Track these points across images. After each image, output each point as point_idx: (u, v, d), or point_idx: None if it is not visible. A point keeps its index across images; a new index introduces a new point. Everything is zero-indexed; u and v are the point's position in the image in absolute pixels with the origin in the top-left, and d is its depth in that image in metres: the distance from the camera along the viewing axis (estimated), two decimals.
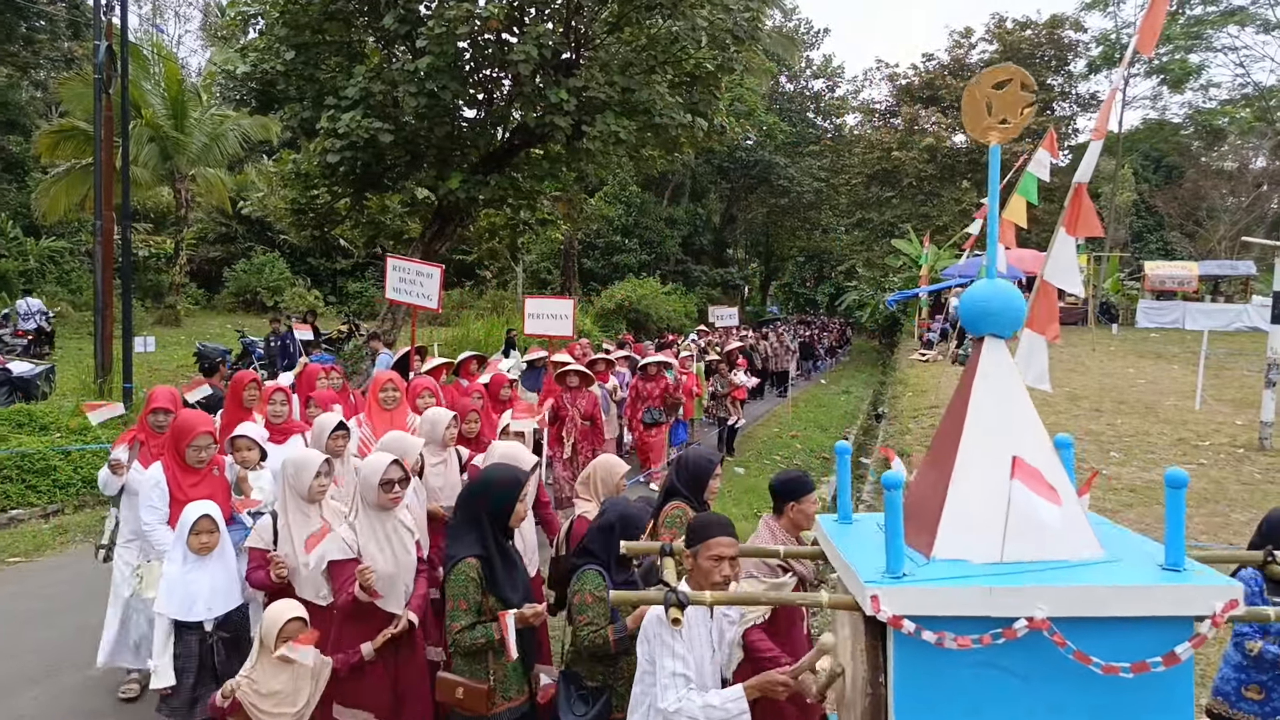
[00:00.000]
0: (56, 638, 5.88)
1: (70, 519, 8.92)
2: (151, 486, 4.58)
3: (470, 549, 3.38)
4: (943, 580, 2.07)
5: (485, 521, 3.43)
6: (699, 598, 2.41)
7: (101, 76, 11.32)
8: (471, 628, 3.31)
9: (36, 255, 25.11)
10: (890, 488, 2.10)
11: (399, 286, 8.88)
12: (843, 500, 2.82)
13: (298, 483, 4.04)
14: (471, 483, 3.64)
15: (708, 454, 4.32)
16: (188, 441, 4.57)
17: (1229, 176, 41.69)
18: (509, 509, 3.48)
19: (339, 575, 3.74)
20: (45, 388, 12.52)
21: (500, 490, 3.48)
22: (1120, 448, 10.64)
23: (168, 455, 4.63)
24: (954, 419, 2.38)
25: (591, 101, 13.48)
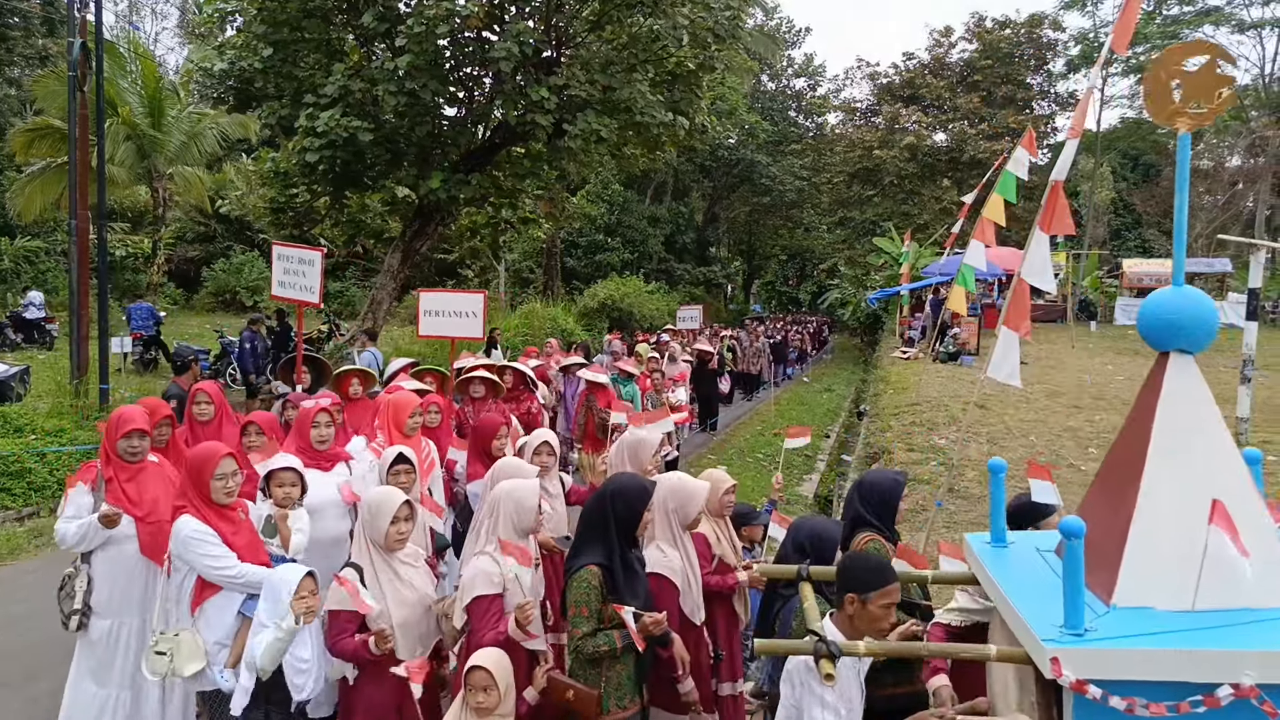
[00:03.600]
0: (33, 643, 5.81)
1: (45, 522, 8.80)
2: (196, 536, 3.68)
3: (593, 556, 3.34)
4: (1132, 640, 1.84)
5: (612, 530, 3.37)
6: (852, 648, 2.27)
7: (76, 74, 11.17)
8: (593, 635, 3.26)
9: (11, 255, 24.80)
10: (1071, 536, 1.84)
11: (284, 280, 7.54)
12: (996, 521, 2.63)
13: (373, 529, 3.55)
14: (600, 493, 3.54)
15: (893, 474, 3.96)
16: (211, 472, 3.75)
17: (1205, 175, 42.12)
18: (637, 519, 3.41)
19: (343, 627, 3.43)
20: (20, 389, 12.37)
21: (630, 499, 3.42)
22: (1099, 444, 10.74)
23: (190, 498, 3.79)
24: (1133, 444, 2.13)
25: (573, 100, 13.46)
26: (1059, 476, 9.05)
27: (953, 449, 10.38)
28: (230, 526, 3.78)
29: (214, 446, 3.89)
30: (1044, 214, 5.48)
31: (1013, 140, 31.73)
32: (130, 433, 4.15)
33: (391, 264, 15.63)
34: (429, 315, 8.15)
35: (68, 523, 4.04)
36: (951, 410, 12.66)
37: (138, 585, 4.17)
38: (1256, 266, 10.81)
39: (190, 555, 3.68)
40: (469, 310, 8.19)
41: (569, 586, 3.34)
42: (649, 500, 3.45)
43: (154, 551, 4.12)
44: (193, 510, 3.74)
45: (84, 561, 4.13)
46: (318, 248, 7.38)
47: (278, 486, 4.08)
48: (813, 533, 3.45)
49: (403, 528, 3.55)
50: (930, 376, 15.69)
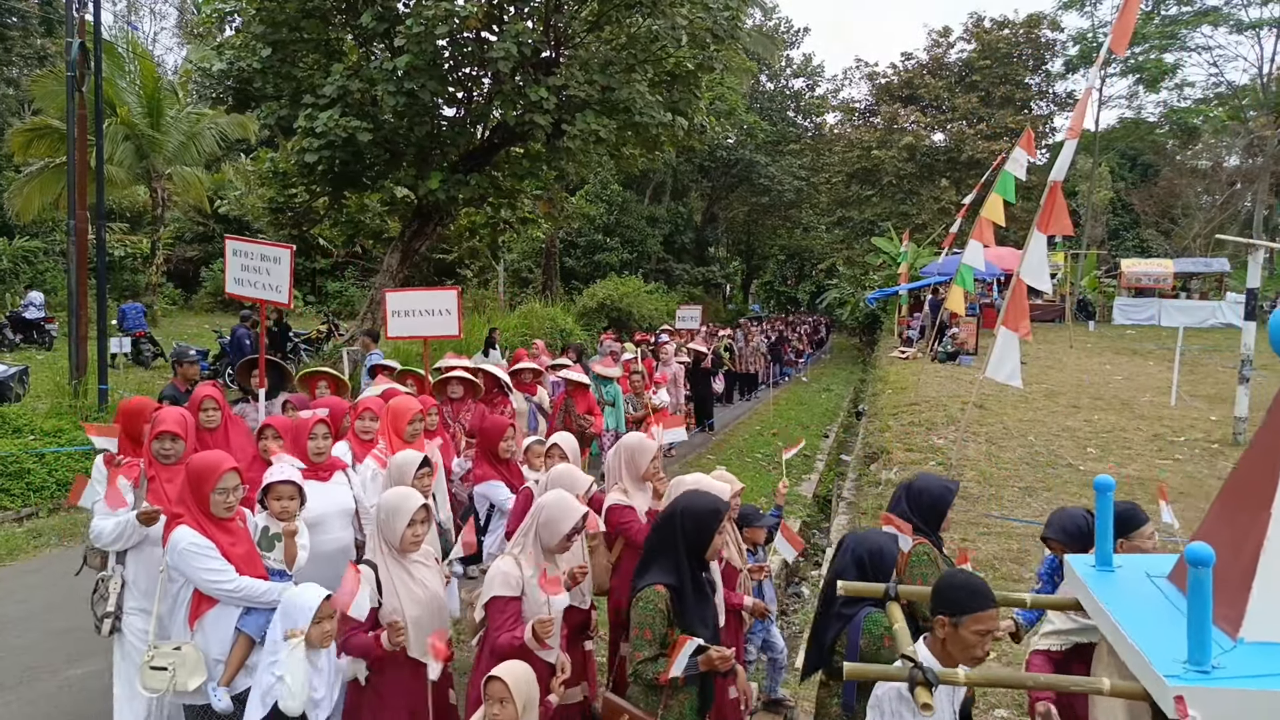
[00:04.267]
0: (31, 643, 5.81)
1: (44, 522, 8.81)
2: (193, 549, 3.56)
3: (661, 576, 3.19)
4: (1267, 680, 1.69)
5: (681, 550, 3.22)
6: (951, 676, 2.16)
7: (74, 74, 11.17)
8: (654, 660, 3.10)
9: (10, 255, 24.78)
10: (1198, 564, 1.70)
11: (241, 276, 7.08)
12: (1103, 544, 2.49)
13: (389, 530, 3.51)
14: (669, 509, 3.38)
15: (944, 480, 3.89)
16: (213, 485, 3.63)
17: (1203, 175, 42.21)
18: (708, 539, 3.26)
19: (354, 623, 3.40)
20: (19, 389, 12.35)
21: (701, 518, 3.26)
22: (1097, 444, 10.75)
23: (190, 509, 3.67)
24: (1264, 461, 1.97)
25: (571, 100, 13.46)
26: (1056, 477, 9.10)
27: (951, 449, 10.40)
28: (229, 538, 3.66)
29: (217, 458, 3.76)
30: (1042, 214, 5.51)
31: (1011, 140, 31.80)
32: (162, 434, 4.11)
33: (390, 264, 15.63)
34: (397, 316, 7.88)
35: (105, 520, 3.94)
36: (950, 410, 12.66)
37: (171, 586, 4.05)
38: (1255, 266, 10.87)
39: (187, 567, 3.56)
40: (442, 308, 7.95)
41: (634, 605, 3.20)
42: (721, 519, 3.29)
43: None
44: (190, 521, 3.62)
45: (119, 563, 4.05)
46: (286, 245, 7.07)
47: (275, 500, 3.93)
48: (874, 548, 3.28)
49: (419, 530, 3.53)
50: (929, 376, 15.70)
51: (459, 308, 7.88)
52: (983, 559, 6.85)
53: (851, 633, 3.13)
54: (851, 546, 3.32)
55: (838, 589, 2.78)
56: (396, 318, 7.91)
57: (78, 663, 5.47)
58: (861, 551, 3.26)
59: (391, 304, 8.00)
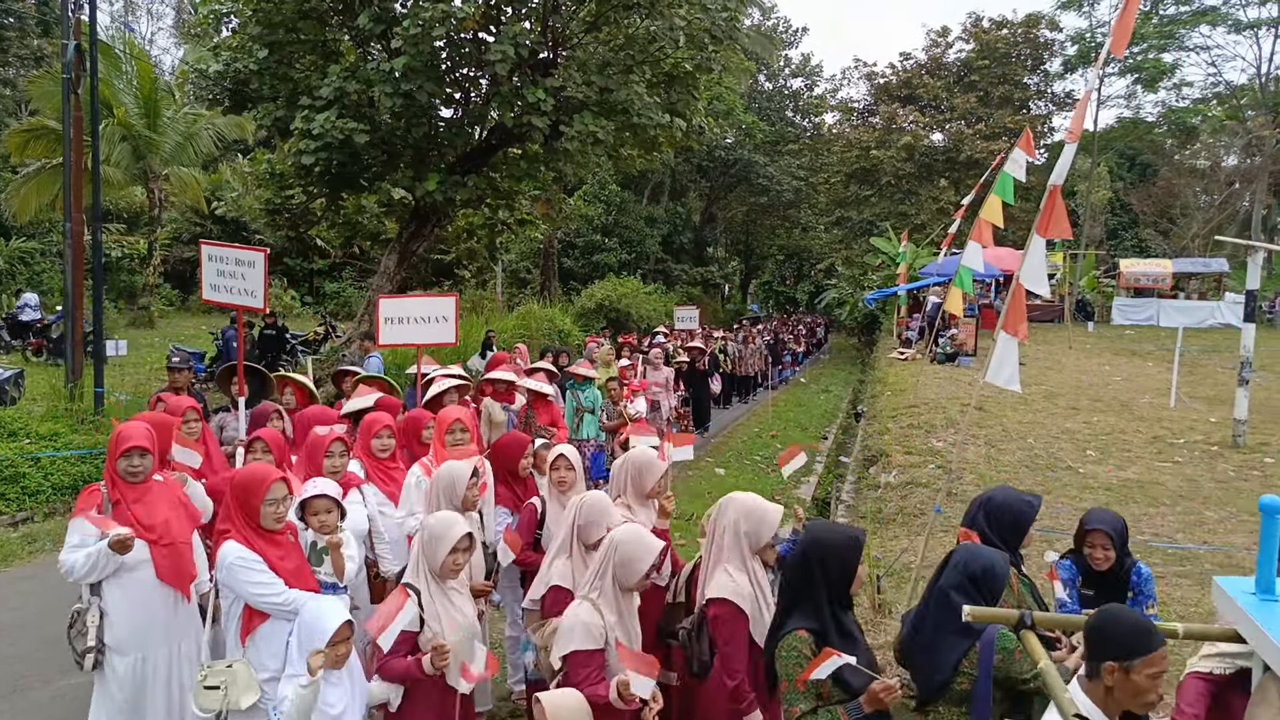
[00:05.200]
0: (24, 651, 5.77)
1: (39, 527, 8.77)
2: (241, 563, 3.50)
3: (804, 620, 2.98)
4: None
5: (820, 589, 3.00)
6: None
7: (70, 76, 11.12)
8: (813, 713, 2.90)
9: (6, 256, 24.73)
10: None
11: (217, 282, 6.90)
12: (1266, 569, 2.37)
13: (430, 556, 3.42)
14: (806, 545, 3.12)
15: (1024, 496, 3.70)
16: (261, 497, 3.55)
17: (1202, 174, 42.20)
18: (851, 575, 3.04)
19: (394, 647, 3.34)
20: (14, 392, 12.31)
21: (842, 553, 3.02)
22: (1096, 446, 10.73)
23: (236, 523, 3.60)
24: None
25: (569, 101, 13.41)
26: (1056, 479, 9.07)
27: (950, 452, 10.36)
28: (277, 551, 3.60)
29: (265, 470, 3.70)
30: (1041, 218, 5.46)
31: (1010, 140, 31.77)
32: (129, 450, 3.86)
33: (388, 266, 15.57)
34: (391, 323, 7.63)
35: (74, 552, 3.69)
36: (949, 412, 12.63)
37: (159, 614, 3.89)
38: (1254, 268, 10.83)
39: (235, 582, 3.49)
40: (439, 315, 7.73)
41: (778, 656, 2.99)
42: (861, 553, 3.06)
43: (173, 576, 3.89)
44: (237, 535, 3.55)
45: (94, 594, 3.79)
46: (260, 248, 6.92)
47: (313, 515, 3.85)
48: (986, 564, 3.05)
49: (460, 558, 3.44)
50: (928, 378, 15.67)
51: (457, 314, 7.71)
52: None
53: (983, 651, 2.93)
54: (963, 561, 3.10)
55: (963, 614, 2.63)
56: (390, 325, 7.65)
57: (71, 672, 5.37)
58: (975, 568, 3.05)
59: (385, 310, 7.74)
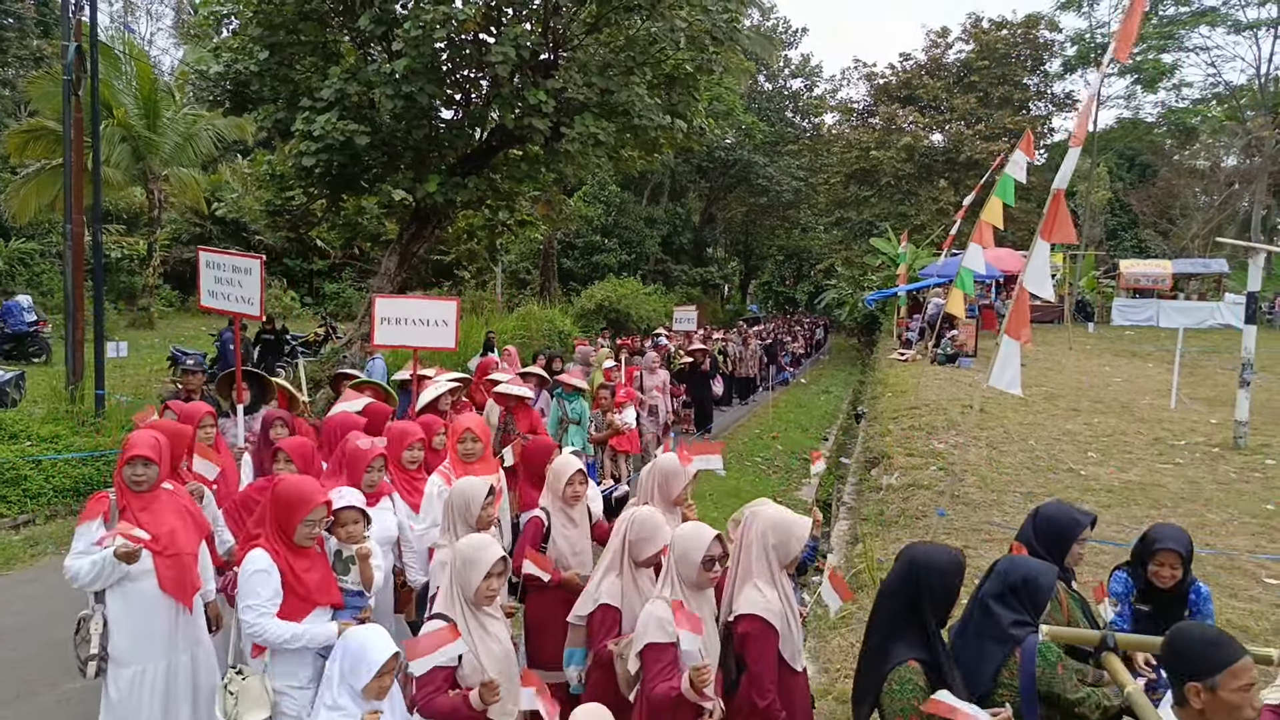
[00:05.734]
0: (28, 655, 5.76)
1: (41, 530, 8.77)
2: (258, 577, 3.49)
3: (912, 649, 2.82)
4: None
5: (927, 613, 2.85)
6: None
7: (71, 77, 11.11)
8: None
9: (6, 257, 24.72)
10: None
11: (215, 289, 6.82)
12: None
13: (464, 582, 3.33)
14: (909, 567, 2.97)
15: (1074, 510, 3.61)
16: (301, 517, 3.54)
17: (1201, 175, 42.25)
18: (954, 597, 2.92)
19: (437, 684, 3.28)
20: (15, 395, 12.31)
21: (946, 575, 2.89)
22: (1097, 448, 10.72)
23: (269, 531, 3.61)
24: None
25: (570, 103, 13.41)
26: (1058, 482, 9.07)
27: (952, 453, 10.36)
28: (304, 563, 3.59)
29: (310, 487, 3.65)
30: (1045, 222, 5.47)
31: (1009, 141, 31.81)
32: (133, 459, 3.83)
33: (389, 267, 15.57)
34: (387, 323, 7.47)
35: (79, 559, 3.69)
36: (951, 414, 12.62)
37: (160, 625, 3.86)
38: (1255, 270, 10.82)
39: (244, 588, 3.49)
40: (439, 319, 7.55)
41: (887, 691, 2.80)
42: (963, 574, 2.94)
43: (176, 587, 3.87)
44: (267, 544, 3.55)
45: (99, 601, 3.79)
46: (256, 255, 6.89)
47: (340, 526, 3.85)
48: (1028, 575, 2.94)
49: (494, 584, 3.36)
50: (929, 379, 15.67)
51: (458, 319, 7.57)
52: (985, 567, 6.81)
53: (1024, 660, 2.84)
54: (1004, 571, 3.01)
55: (1040, 633, 2.56)
56: (386, 325, 7.50)
57: (75, 676, 5.34)
58: (1014, 578, 2.96)
59: (381, 310, 7.55)
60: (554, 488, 4.46)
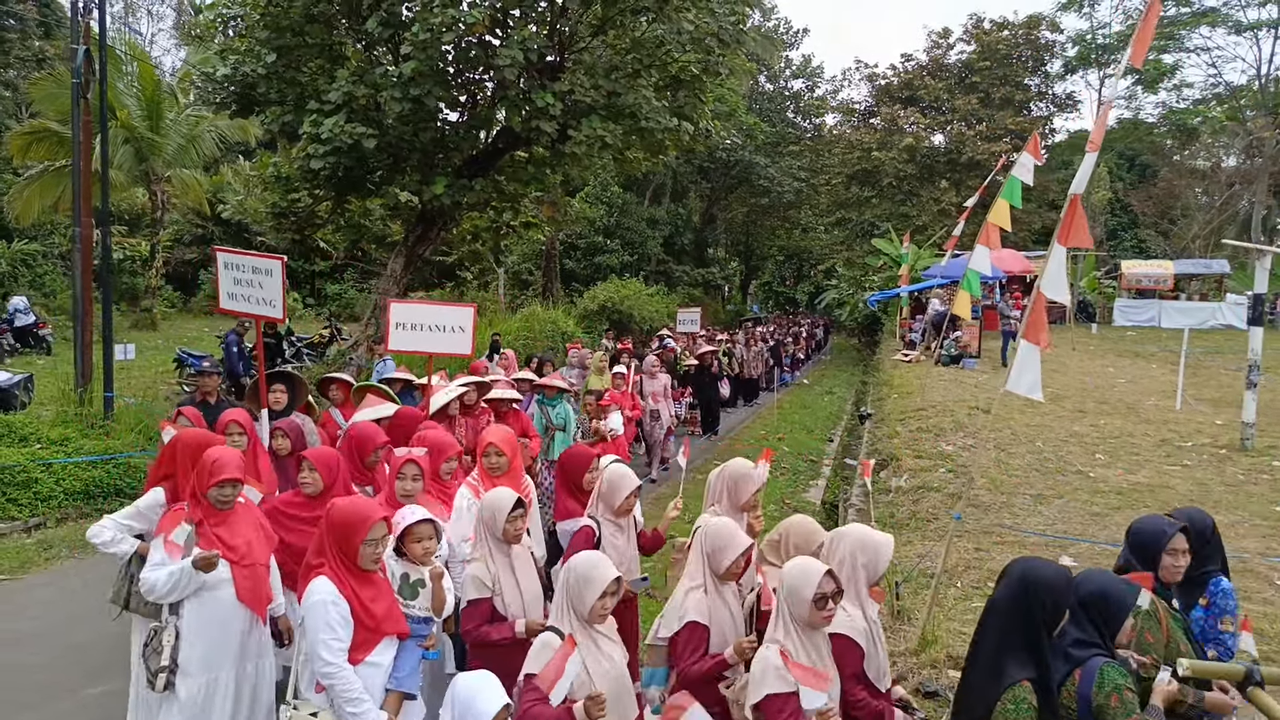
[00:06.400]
0: (48, 660, 5.78)
1: (53, 533, 8.78)
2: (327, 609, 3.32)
3: (1024, 668, 2.77)
4: None
5: (1042, 632, 2.80)
6: None
7: (80, 81, 11.12)
8: None
9: (9, 258, 24.71)
10: None
11: (234, 290, 6.58)
12: None
13: (578, 600, 3.22)
14: (1022, 583, 2.90)
15: (1162, 521, 3.48)
16: (362, 537, 3.36)
17: (1202, 175, 42.28)
18: (1063, 614, 2.87)
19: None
20: (24, 397, 12.30)
21: (1058, 592, 2.84)
22: (1105, 449, 10.76)
23: (331, 559, 3.41)
24: None
25: (577, 105, 13.43)
26: (1067, 484, 9.10)
27: (961, 455, 10.40)
28: (370, 592, 3.43)
29: (367, 507, 3.51)
30: (1062, 227, 5.48)
31: (1011, 141, 31.86)
32: (224, 482, 3.83)
33: (394, 269, 15.59)
34: (401, 328, 7.23)
35: (155, 570, 3.67)
36: (957, 416, 12.65)
37: (234, 636, 3.85)
38: (1261, 272, 10.85)
39: (313, 622, 3.31)
40: (455, 325, 7.30)
41: (1000, 712, 2.75)
42: (1071, 587, 2.89)
43: (252, 598, 3.87)
44: (329, 572, 3.39)
45: (172, 613, 3.77)
46: (277, 256, 6.67)
47: (415, 542, 3.69)
48: (1097, 591, 2.87)
49: (609, 602, 3.25)
50: (934, 381, 15.70)
51: (474, 326, 7.37)
52: (997, 569, 6.81)
53: (1082, 683, 2.81)
54: (1077, 584, 2.91)
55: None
56: (400, 330, 7.27)
57: (96, 681, 5.43)
58: (1083, 592, 2.87)
59: (396, 315, 7.35)
60: (608, 499, 4.37)
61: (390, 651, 3.51)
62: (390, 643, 3.52)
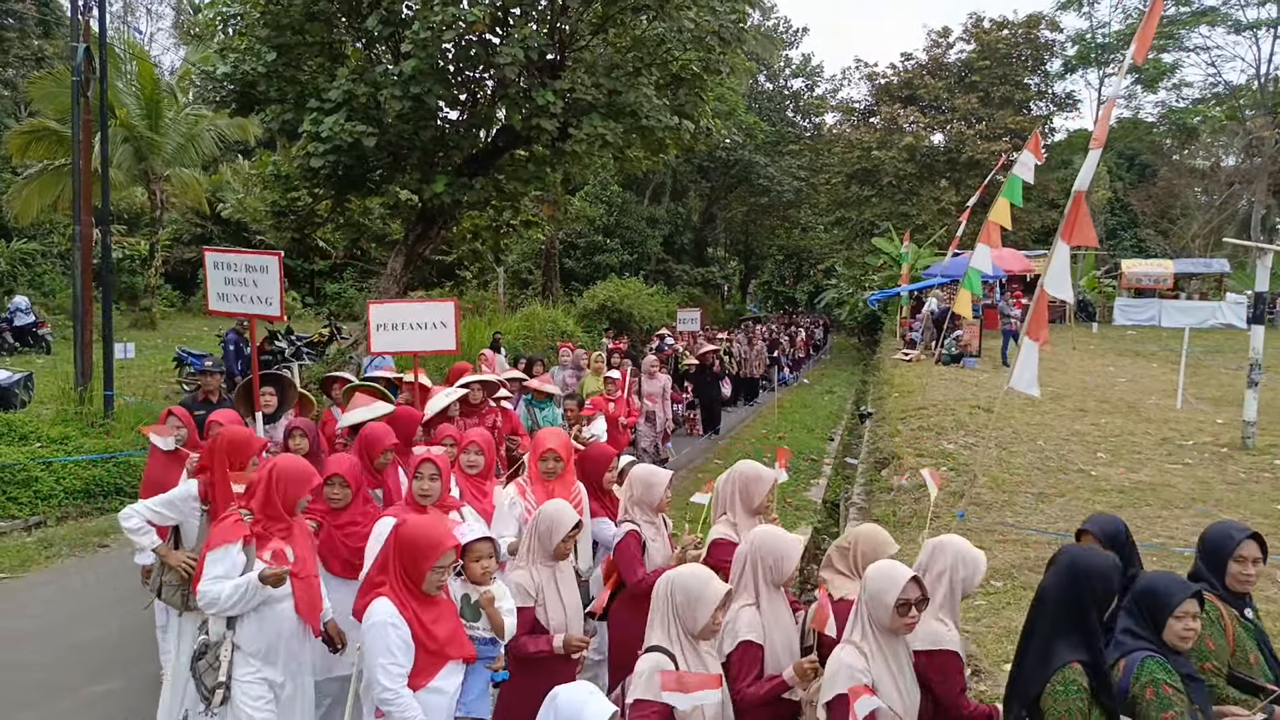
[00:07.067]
0: (51, 659, 5.76)
1: (54, 531, 8.76)
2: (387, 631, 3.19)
3: (1075, 651, 2.80)
4: None
5: (1095, 616, 2.83)
6: None
7: (80, 79, 11.10)
8: None
9: (7, 258, 24.69)
10: None
11: (225, 291, 6.34)
12: None
13: (690, 617, 3.06)
14: (1071, 569, 2.93)
15: (1231, 526, 3.43)
16: (432, 564, 3.24)
17: (1201, 175, 42.29)
18: (1112, 600, 2.92)
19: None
20: (23, 396, 12.29)
21: (1106, 579, 2.88)
22: (1106, 448, 10.74)
23: (394, 580, 3.29)
24: None
25: (578, 103, 13.41)
26: (1068, 482, 9.09)
27: (962, 453, 10.39)
28: (432, 614, 3.30)
29: (440, 533, 3.36)
30: (1066, 224, 5.49)
31: (1011, 141, 31.86)
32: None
33: (394, 268, 15.57)
34: (383, 329, 7.07)
35: (218, 584, 3.54)
36: (959, 414, 12.64)
37: (291, 649, 3.78)
38: (1263, 270, 10.84)
39: (373, 644, 3.18)
40: (437, 321, 7.17)
41: (1049, 693, 2.79)
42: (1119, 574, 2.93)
43: (309, 611, 3.80)
44: (390, 593, 3.25)
45: (229, 628, 3.65)
46: (274, 252, 6.44)
47: (474, 561, 3.53)
48: (1148, 584, 2.91)
49: (720, 617, 3.12)
50: (935, 379, 15.70)
51: (457, 320, 7.23)
52: (1000, 567, 6.83)
53: (1125, 672, 2.86)
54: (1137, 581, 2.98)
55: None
56: (382, 331, 7.11)
57: (98, 679, 5.42)
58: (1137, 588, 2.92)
59: (376, 317, 7.14)
60: (645, 498, 4.24)
61: (455, 677, 3.38)
62: (455, 667, 3.38)
